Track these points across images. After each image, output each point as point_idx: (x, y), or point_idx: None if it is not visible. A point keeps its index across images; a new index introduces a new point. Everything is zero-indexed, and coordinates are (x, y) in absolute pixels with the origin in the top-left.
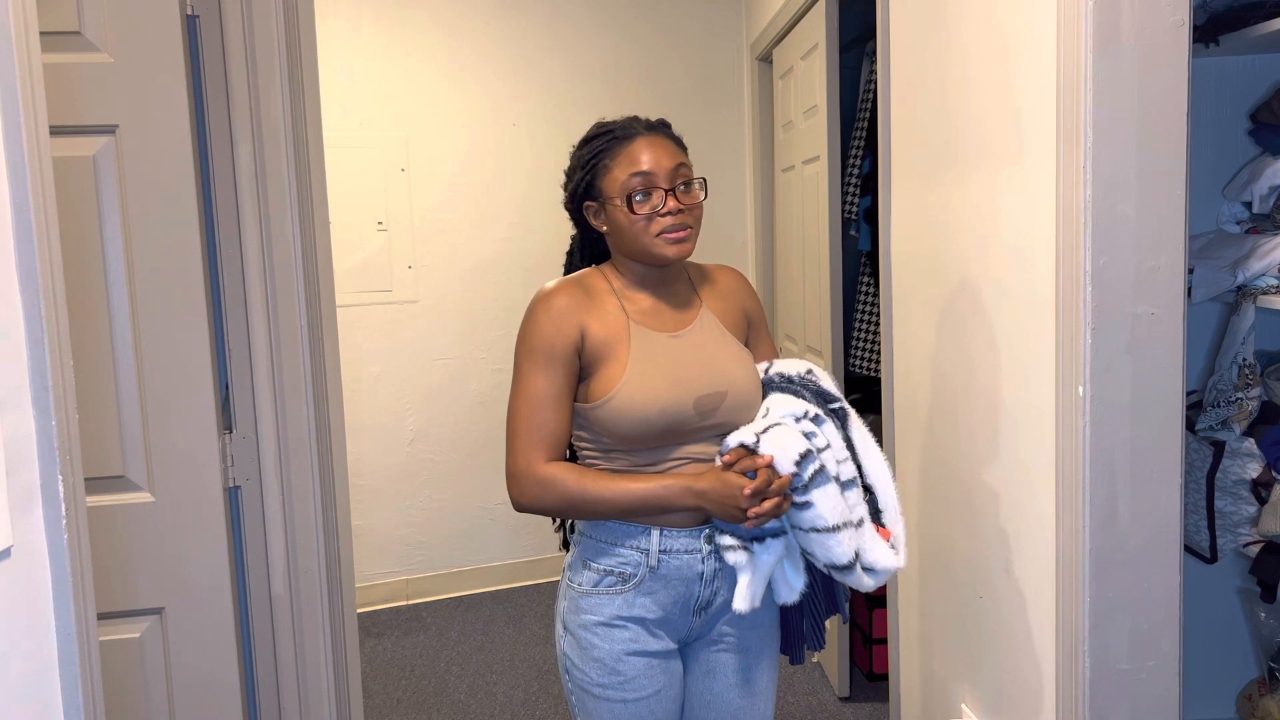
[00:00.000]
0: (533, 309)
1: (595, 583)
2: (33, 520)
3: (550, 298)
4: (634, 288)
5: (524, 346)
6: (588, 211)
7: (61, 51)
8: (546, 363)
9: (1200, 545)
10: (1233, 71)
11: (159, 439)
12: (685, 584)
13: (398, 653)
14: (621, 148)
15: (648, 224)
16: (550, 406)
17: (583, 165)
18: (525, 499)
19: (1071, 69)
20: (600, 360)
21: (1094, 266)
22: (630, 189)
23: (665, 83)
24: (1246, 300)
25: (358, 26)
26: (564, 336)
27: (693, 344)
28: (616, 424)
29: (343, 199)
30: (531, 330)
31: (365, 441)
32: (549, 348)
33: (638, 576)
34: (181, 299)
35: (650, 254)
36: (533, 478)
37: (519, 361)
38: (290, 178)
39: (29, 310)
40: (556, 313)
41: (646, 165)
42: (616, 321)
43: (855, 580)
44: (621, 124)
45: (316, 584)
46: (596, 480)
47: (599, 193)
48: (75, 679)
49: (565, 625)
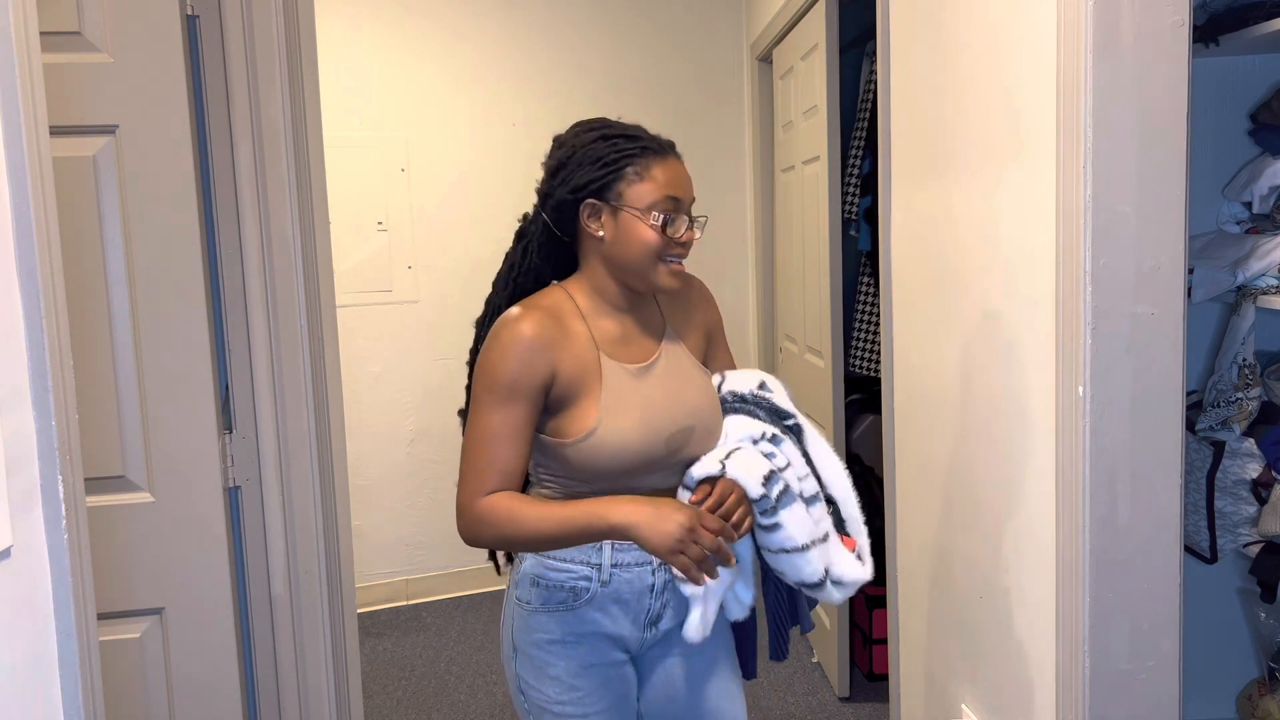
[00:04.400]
0: (499, 340)
1: (544, 600)
2: (33, 520)
3: (519, 331)
4: (603, 311)
5: (485, 378)
6: (584, 210)
7: (61, 51)
8: (507, 399)
9: (1200, 545)
10: (1233, 71)
11: (159, 439)
12: (637, 597)
13: (398, 653)
14: (657, 162)
15: (664, 248)
16: (504, 443)
17: (602, 161)
18: (465, 533)
19: (1071, 69)
20: (570, 398)
21: (1094, 266)
22: (661, 209)
23: (665, 83)
24: (1246, 300)
25: (358, 26)
26: (532, 374)
27: (661, 376)
28: (587, 464)
29: (343, 199)
30: (496, 363)
31: (365, 441)
32: (512, 384)
33: (590, 593)
34: (181, 299)
35: (647, 279)
36: (471, 513)
37: (477, 393)
38: (290, 178)
39: (29, 310)
40: (525, 349)
41: (681, 191)
42: (587, 355)
43: (825, 595)
44: (645, 134)
45: (316, 584)
46: (526, 512)
47: (615, 196)
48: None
49: (516, 645)
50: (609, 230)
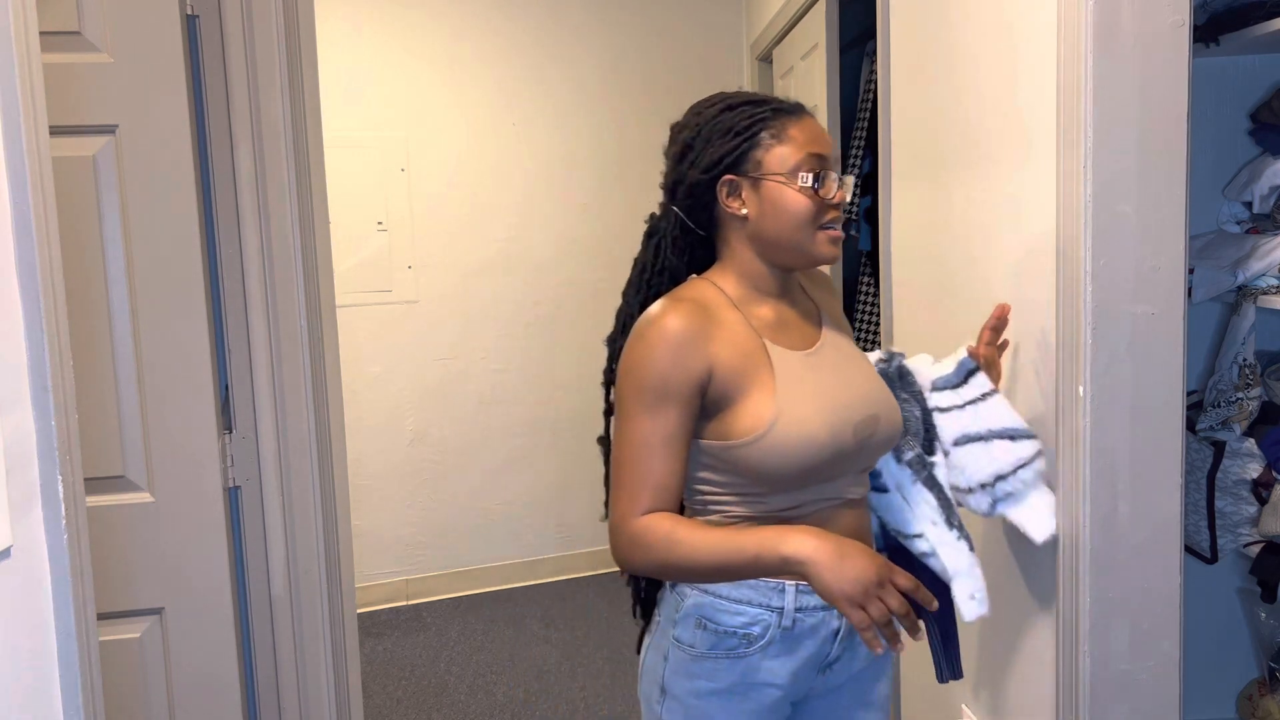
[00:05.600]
0: (644, 339)
1: (713, 645)
2: (32, 520)
3: (667, 326)
4: (756, 298)
5: (632, 382)
6: (723, 189)
7: (61, 51)
8: (658, 403)
9: (1200, 545)
10: (1233, 71)
11: (159, 439)
12: (818, 644)
13: (398, 653)
14: (793, 121)
15: (818, 214)
16: (658, 454)
17: (733, 131)
18: (618, 557)
19: (1071, 69)
20: (734, 394)
21: (1094, 266)
22: (807, 169)
23: (665, 82)
24: (1247, 300)
25: (358, 26)
26: (686, 373)
27: (830, 363)
28: (771, 463)
29: (343, 199)
30: (644, 365)
31: (365, 441)
32: (663, 386)
33: (766, 638)
34: (181, 299)
35: (804, 251)
36: (625, 534)
37: (625, 399)
38: (290, 178)
39: (29, 310)
40: (677, 345)
41: (825, 148)
42: (748, 343)
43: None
44: (771, 97)
45: (316, 584)
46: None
47: (755, 166)
48: (75, 679)
49: (666, 688)
50: (752, 205)
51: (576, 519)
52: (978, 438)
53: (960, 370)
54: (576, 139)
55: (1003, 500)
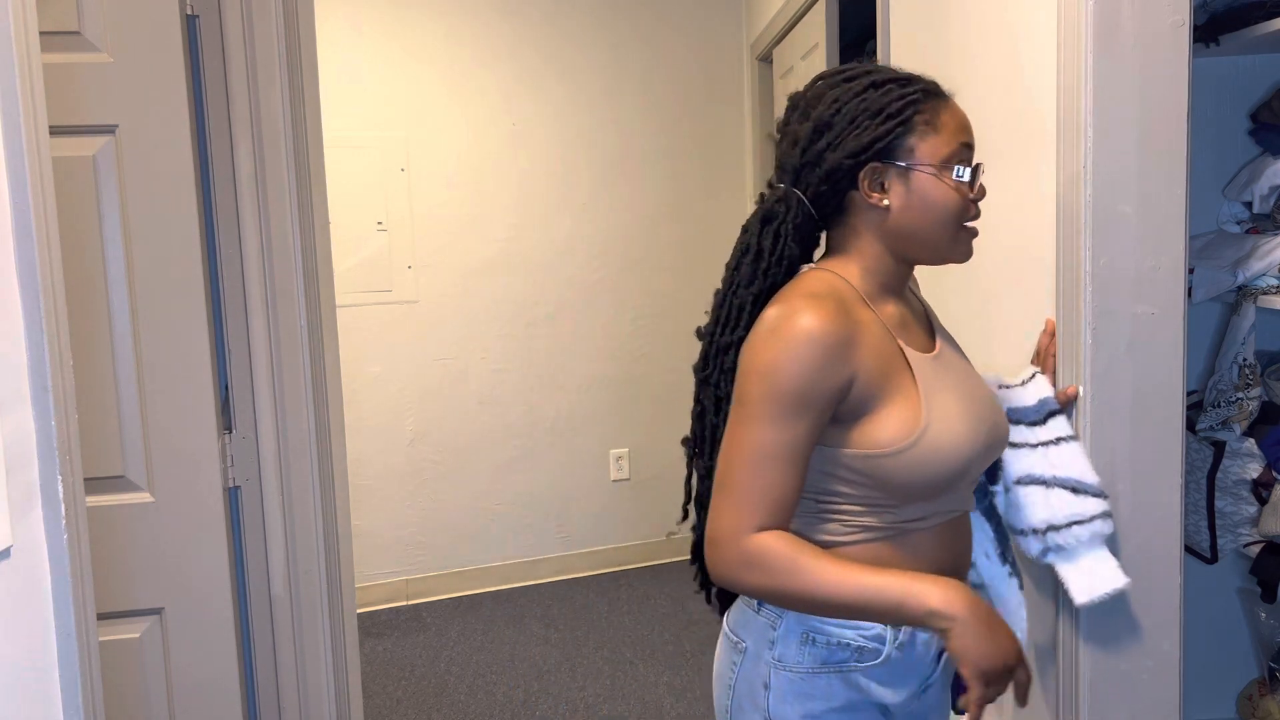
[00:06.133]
0: (787, 340)
1: (824, 660)
2: (32, 520)
3: (813, 328)
4: (881, 295)
5: (765, 387)
6: (865, 177)
7: (61, 51)
8: (794, 413)
9: (1200, 545)
10: (1233, 71)
11: (159, 439)
12: (926, 665)
13: (398, 653)
14: (943, 106)
15: (965, 210)
16: (783, 467)
17: (885, 113)
18: (721, 570)
19: (1071, 69)
20: (878, 399)
21: (1094, 266)
22: (959, 161)
23: (665, 82)
24: (1247, 300)
25: (358, 26)
26: (830, 382)
27: (953, 367)
28: (919, 472)
29: (343, 199)
30: (784, 369)
31: (365, 441)
32: (804, 395)
33: (880, 656)
34: (181, 299)
35: (944, 250)
36: (736, 550)
37: (754, 400)
38: (290, 178)
39: (29, 310)
40: (824, 350)
41: (971, 135)
42: (886, 345)
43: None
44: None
45: (316, 584)
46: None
47: (907, 154)
48: (75, 679)
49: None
50: (897, 197)
51: (576, 519)
52: (1040, 481)
53: (1040, 409)
54: (576, 139)
55: (1054, 551)
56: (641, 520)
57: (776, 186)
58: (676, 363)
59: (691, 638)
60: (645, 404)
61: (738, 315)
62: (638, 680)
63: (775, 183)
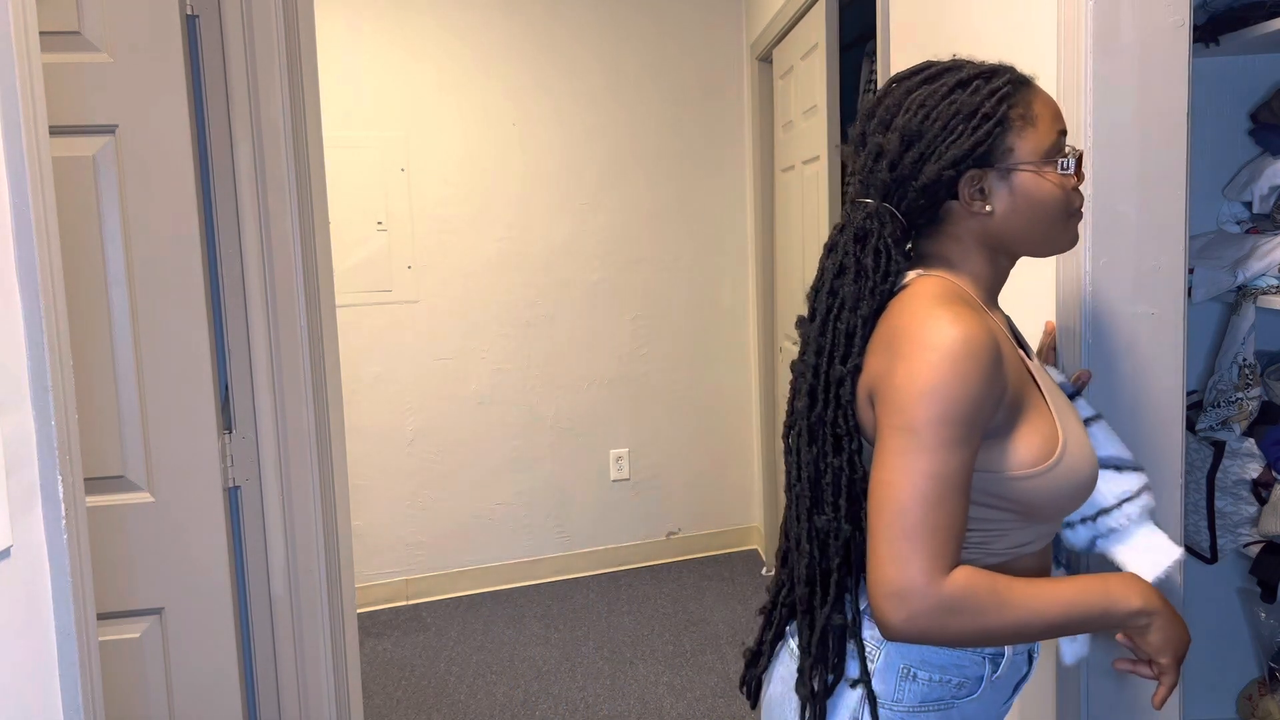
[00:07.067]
0: (952, 355)
1: (923, 697)
2: (32, 520)
3: (977, 341)
4: (990, 303)
5: (934, 411)
6: (966, 185)
7: (61, 51)
8: (967, 435)
9: (1200, 545)
10: (1233, 71)
11: (159, 439)
12: (1010, 689)
13: (398, 653)
14: (1034, 94)
15: (1072, 200)
16: (962, 494)
17: (981, 114)
18: (918, 623)
19: (1072, 69)
20: (1019, 414)
21: (1094, 266)
22: (1059, 151)
23: (665, 83)
24: (1247, 300)
25: (358, 26)
26: (994, 397)
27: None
28: (1057, 494)
29: (343, 199)
30: (951, 389)
31: (365, 441)
32: (974, 414)
33: (983, 685)
34: (181, 299)
35: (1053, 244)
36: (937, 598)
37: (917, 430)
38: (290, 178)
39: (29, 310)
40: (987, 363)
41: (1064, 120)
42: (1015, 356)
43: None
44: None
45: (316, 584)
46: (1018, 593)
47: (1005, 154)
48: (75, 679)
49: None
50: (1001, 200)
51: (576, 519)
52: None
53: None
54: (576, 139)
55: (1104, 536)
56: (641, 520)
57: (862, 202)
58: (676, 363)
59: (691, 638)
60: (645, 404)
61: (847, 343)
62: (637, 680)
63: (858, 197)
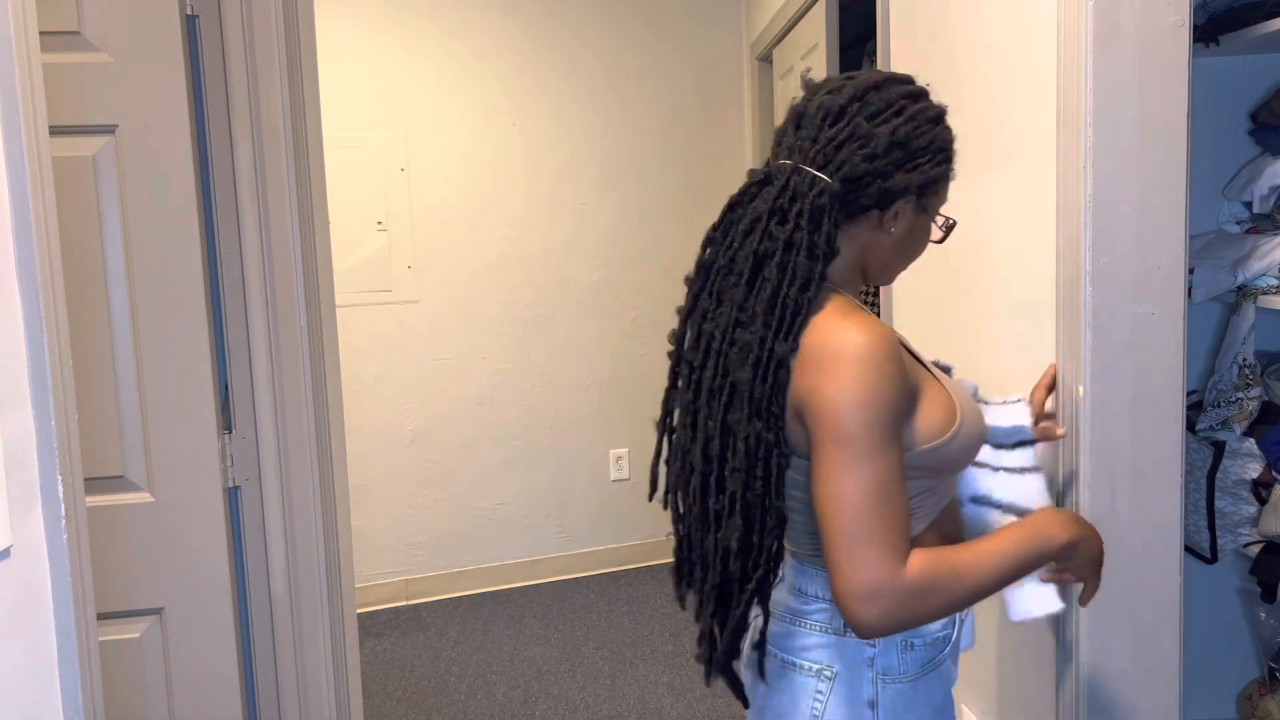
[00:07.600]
0: (873, 363)
1: (925, 660)
2: (32, 520)
3: (886, 345)
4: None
5: (872, 415)
6: (894, 209)
7: (61, 51)
8: (897, 431)
9: (1200, 545)
10: (1233, 71)
11: (159, 439)
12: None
13: (398, 653)
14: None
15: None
16: (900, 489)
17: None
18: (892, 618)
19: (1072, 68)
20: (920, 392)
21: (1094, 266)
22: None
23: (665, 83)
24: (1247, 300)
25: (357, 26)
26: (908, 388)
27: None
28: (963, 455)
29: (343, 199)
30: (880, 391)
31: (365, 441)
32: (896, 414)
33: (953, 639)
34: (181, 299)
35: (887, 279)
36: (901, 589)
37: (857, 437)
38: (290, 178)
39: (29, 310)
40: (900, 363)
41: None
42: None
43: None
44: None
45: (316, 584)
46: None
47: (934, 197)
48: (75, 679)
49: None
50: (901, 229)
51: (576, 519)
52: (995, 504)
53: (1013, 434)
54: (576, 139)
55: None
56: (641, 520)
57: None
58: None
59: (691, 637)
60: (645, 404)
61: (790, 323)
62: (637, 680)
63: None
